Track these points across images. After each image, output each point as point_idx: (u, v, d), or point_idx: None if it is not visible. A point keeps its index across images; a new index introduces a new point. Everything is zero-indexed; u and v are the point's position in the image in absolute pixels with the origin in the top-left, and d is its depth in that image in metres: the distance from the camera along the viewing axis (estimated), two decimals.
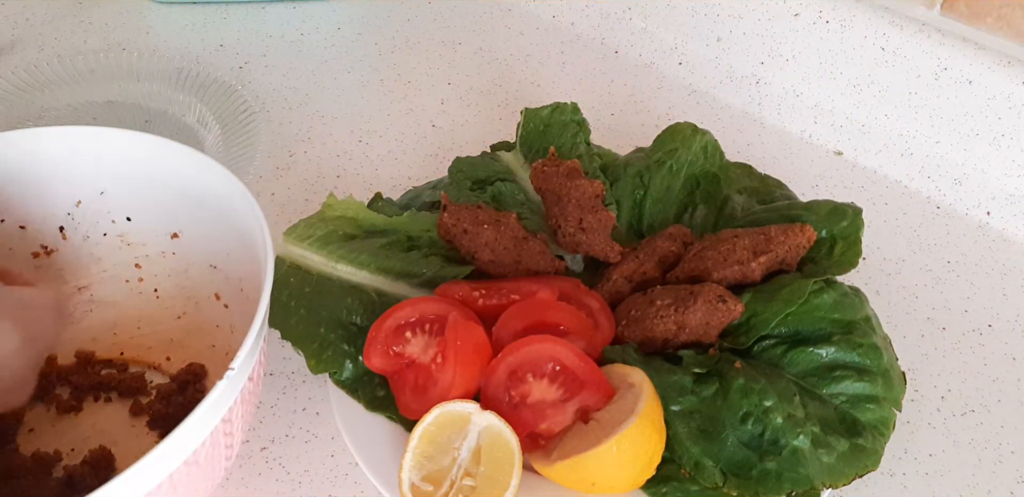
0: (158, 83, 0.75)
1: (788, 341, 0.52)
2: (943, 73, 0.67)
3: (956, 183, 0.70)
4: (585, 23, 0.86)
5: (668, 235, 0.57)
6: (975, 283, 0.65)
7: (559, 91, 0.80)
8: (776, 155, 0.74)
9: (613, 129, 0.76)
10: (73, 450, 0.51)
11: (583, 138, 0.65)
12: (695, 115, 0.77)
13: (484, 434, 0.47)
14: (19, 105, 0.73)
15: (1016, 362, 0.60)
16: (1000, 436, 0.56)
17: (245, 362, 0.41)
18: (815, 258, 0.55)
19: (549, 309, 0.52)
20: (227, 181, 0.49)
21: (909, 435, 0.55)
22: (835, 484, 0.47)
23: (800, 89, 0.75)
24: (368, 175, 0.71)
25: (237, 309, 0.54)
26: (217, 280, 0.54)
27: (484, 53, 0.84)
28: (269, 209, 0.68)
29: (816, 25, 0.72)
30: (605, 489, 0.47)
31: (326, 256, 0.57)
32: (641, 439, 0.46)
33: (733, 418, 0.48)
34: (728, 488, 0.47)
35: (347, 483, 0.52)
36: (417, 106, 0.78)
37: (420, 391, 0.50)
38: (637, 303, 0.54)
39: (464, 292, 0.54)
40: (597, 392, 0.48)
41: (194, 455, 0.39)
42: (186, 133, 0.72)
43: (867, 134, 0.73)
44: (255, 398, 0.46)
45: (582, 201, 0.57)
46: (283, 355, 0.58)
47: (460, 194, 0.62)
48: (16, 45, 0.82)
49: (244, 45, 0.84)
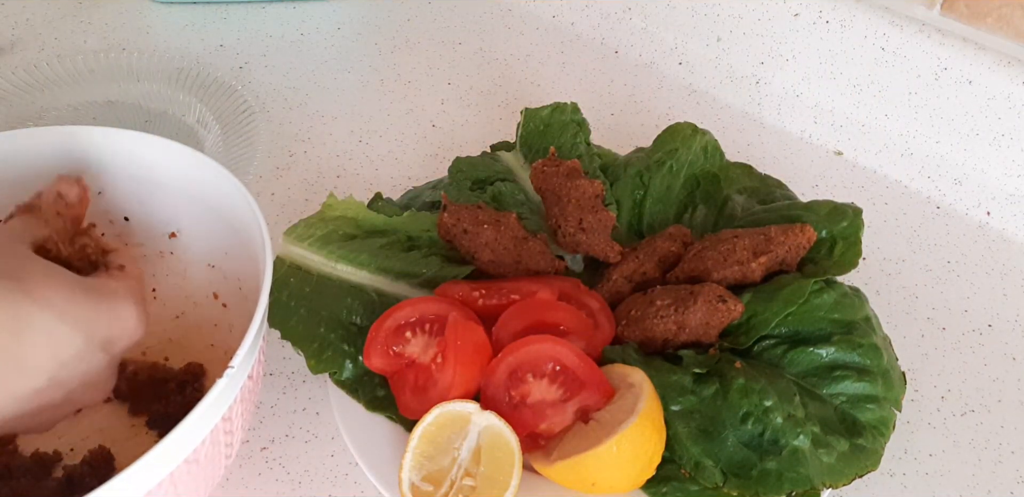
0: (158, 83, 0.75)
1: (788, 341, 0.52)
2: (943, 73, 0.67)
3: (956, 183, 0.70)
4: (585, 23, 0.86)
5: (668, 235, 0.57)
6: (975, 283, 0.65)
7: (559, 91, 0.80)
8: (776, 155, 0.74)
9: (613, 129, 0.76)
10: (72, 450, 0.51)
11: (583, 138, 0.65)
12: (695, 115, 0.77)
13: (484, 434, 0.47)
14: (19, 105, 0.73)
15: (1016, 362, 0.60)
16: (1000, 436, 0.56)
17: (245, 360, 0.41)
18: (815, 258, 0.55)
19: (549, 309, 0.52)
20: (226, 181, 0.49)
21: (909, 435, 0.55)
22: (835, 484, 0.47)
23: (800, 89, 0.75)
24: (368, 175, 0.71)
25: (236, 308, 0.54)
26: (215, 279, 0.54)
27: (484, 53, 0.84)
28: (269, 209, 0.68)
29: (816, 25, 0.72)
30: (605, 489, 0.47)
31: (326, 256, 0.57)
32: (641, 439, 0.46)
33: (733, 418, 0.48)
34: (728, 488, 0.47)
35: (347, 483, 0.52)
36: (417, 106, 0.78)
37: (420, 391, 0.50)
38: (637, 303, 0.54)
39: (464, 292, 0.54)
40: (597, 392, 0.48)
41: (194, 453, 0.39)
42: (186, 133, 0.72)
43: (867, 134, 0.73)
44: (255, 397, 0.46)
45: (582, 201, 0.57)
46: (283, 355, 0.58)
47: (460, 194, 0.62)
48: (16, 45, 0.82)
49: (244, 45, 0.84)
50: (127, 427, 0.53)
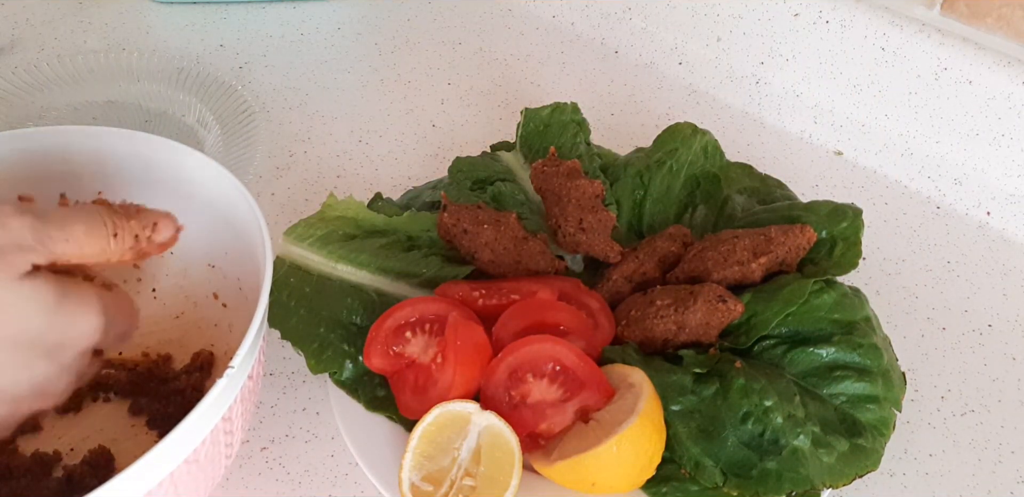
0: (158, 83, 0.75)
1: (788, 341, 0.52)
2: (943, 73, 0.67)
3: (956, 183, 0.70)
4: (585, 23, 0.86)
5: (668, 235, 0.57)
6: (975, 283, 0.65)
7: (559, 91, 0.80)
8: (776, 155, 0.74)
9: (613, 129, 0.76)
10: (72, 450, 0.51)
11: (583, 138, 0.65)
12: (695, 115, 0.77)
13: (484, 434, 0.47)
14: (19, 105, 0.73)
15: (1016, 362, 0.60)
16: (1000, 436, 0.56)
17: (245, 360, 0.41)
18: (815, 259, 0.55)
19: (549, 309, 0.52)
20: (226, 180, 0.49)
21: (909, 435, 0.55)
22: (835, 484, 0.47)
23: (800, 89, 0.75)
24: (368, 175, 0.71)
25: (235, 308, 0.54)
26: (215, 279, 0.54)
27: (484, 53, 0.84)
28: (269, 209, 0.68)
29: (816, 25, 0.72)
30: (605, 489, 0.47)
31: (326, 256, 0.57)
32: (641, 439, 0.46)
33: (733, 418, 0.48)
34: (728, 488, 0.47)
35: (347, 483, 0.52)
36: (417, 106, 0.78)
37: (420, 391, 0.50)
38: (637, 303, 0.54)
39: (464, 292, 0.54)
40: (597, 392, 0.48)
41: (194, 454, 0.39)
42: (186, 133, 0.72)
43: (867, 134, 0.73)
44: (255, 397, 0.46)
45: (582, 201, 0.57)
46: (283, 355, 0.58)
47: (460, 194, 0.62)
48: (16, 45, 0.82)
49: (244, 45, 0.84)
50: (127, 427, 0.52)
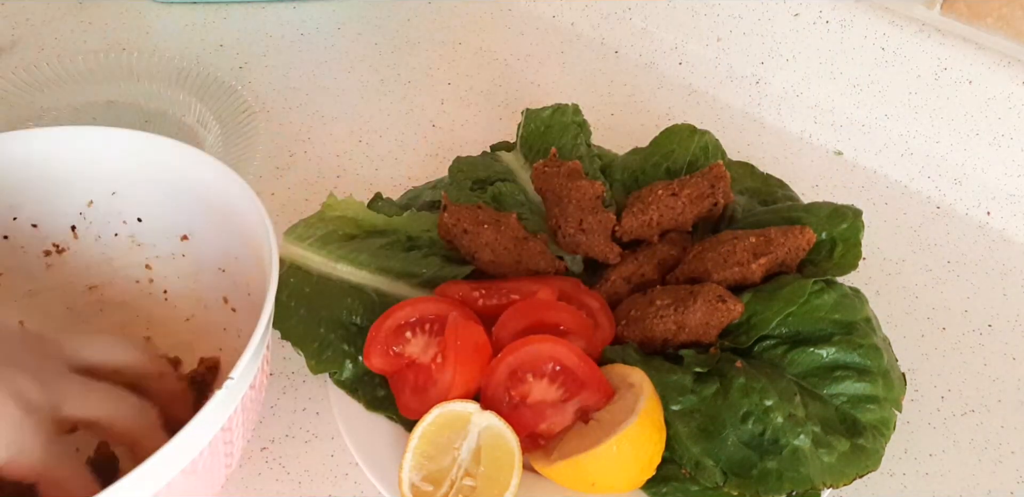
0: (158, 83, 0.75)
1: (789, 341, 0.52)
2: (943, 73, 0.67)
3: (956, 183, 0.70)
4: (585, 23, 0.86)
5: (668, 239, 0.57)
6: (975, 283, 0.65)
7: (559, 91, 0.80)
8: (776, 155, 0.74)
9: (613, 129, 0.76)
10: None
11: (584, 139, 0.65)
12: (695, 115, 0.77)
13: (484, 434, 0.47)
14: (19, 105, 0.73)
15: (1016, 362, 0.60)
16: (1000, 436, 0.56)
17: (246, 371, 0.40)
18: (815, 260, 0.55)
19: (549, 309, 0.52)
20: (235, 185, 0.48)
21: (909, 435, 0.55)
22: (836, 484, 0.47)
23: (800, 89, 0.75)
24: (368, 175, 0.71)
25: (244, 313, 0.53)
26: (225, 284, 0.54)
27: (484, 53, 0.84)
28: (269, 209, 0.67)
29: (816, 25, 0.72)
30: (605, 489, 0.47)
31: (326, 256, 0.57)
32: (641, 439, 0.46)
33: (734, 417, 0.48)
34: (728, 488, 0.47)
35: (347, 483, 0.52)
36: (417, 106, 0.78)
37: (420, 391, 0.50)
38: (637, 303, 0.54)
39: (464, 292, 0.54)
40: (597, 392, 0.48)
41: (192, 464, 0.39)
42: (186, 133, 0.72)
43: (867, 134, 0.73)
44: (258, 406, 0.46)
45: (582, 202, 0.57)
46: (283, 355, 0.58)
47: (460, 194, 0.62)
48: (16, 45, 0.82)
49: (244, 45, 0.84)
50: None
